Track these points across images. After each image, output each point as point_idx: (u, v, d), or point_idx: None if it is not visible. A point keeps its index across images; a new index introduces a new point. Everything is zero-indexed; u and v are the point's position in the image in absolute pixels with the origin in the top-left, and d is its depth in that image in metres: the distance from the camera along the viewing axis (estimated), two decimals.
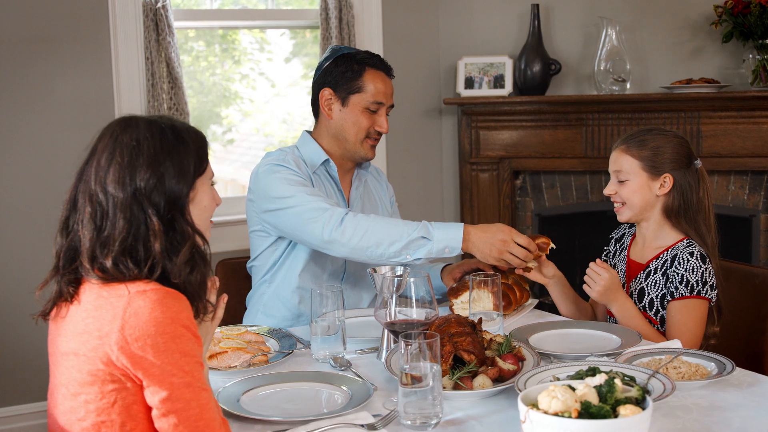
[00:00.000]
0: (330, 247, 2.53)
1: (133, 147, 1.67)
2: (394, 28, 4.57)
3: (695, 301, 2.44)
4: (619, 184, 2.56)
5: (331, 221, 2.51)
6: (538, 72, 4.37)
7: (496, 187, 4.57)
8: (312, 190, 2.63)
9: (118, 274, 1.63)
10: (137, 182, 1.65)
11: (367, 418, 1.81)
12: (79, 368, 1.63)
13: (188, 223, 1.70)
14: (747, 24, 3.90)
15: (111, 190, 1.65)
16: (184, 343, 1.59)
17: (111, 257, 1.63)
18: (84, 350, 1.61)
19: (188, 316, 1.62)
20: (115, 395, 1.60)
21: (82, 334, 1.62)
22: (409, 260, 2.48)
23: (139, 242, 1.64)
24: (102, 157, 1.68)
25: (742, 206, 4.15)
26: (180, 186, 1.69)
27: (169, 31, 3.91)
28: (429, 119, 4.75)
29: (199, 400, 1.59)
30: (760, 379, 2.03)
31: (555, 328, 2.46)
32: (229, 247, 4.05)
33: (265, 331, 2.46)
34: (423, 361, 1.77)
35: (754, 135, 4.02)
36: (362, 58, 2.76)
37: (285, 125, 4.71)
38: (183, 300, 1.64)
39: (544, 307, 3.53)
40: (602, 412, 1.49)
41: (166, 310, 1.58)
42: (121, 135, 1.69)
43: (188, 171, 1.71)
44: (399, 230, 2.47)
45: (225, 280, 3.04)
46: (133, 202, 1.64)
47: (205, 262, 1.73)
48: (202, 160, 1.76)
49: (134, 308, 1.58)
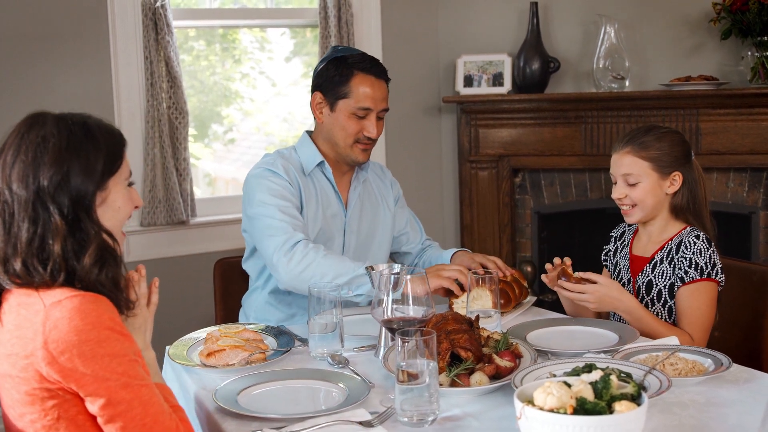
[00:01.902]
0: (274, 269, 2.57)
1: (38, 144, 1.62)
2: (393, 27, 4.57)
3: (705, 283, 2.45)
4: (629, 187, 2.54)
5: (284, 246, 2.54)
6: (537, 70, 4.37)
7: (495, 185, 4.57)
8: (287, 207, 2.64)
9: (28, 278, 1.59)
10: (41, 180, 1.60)
11: (364, 415, 1.82)
12: (17, 389, 1.60)
13: (95, 223, 1.65)
14: (746, 21, 3.90)
15: (15, 189, 1.60)
16: (111, 345, 1.55)
17: (20, 259, 1.59)
18: (15, 372, 1.58)
19: (110, 317, 1.58)
20: (57, 411, 1.58)
21: (10, 356, 1.59)
22: (350, 296, 2.51)
23: (45, 243, 1.59)
24: (8, 155, 1.64)
25: (741, 203, 4.15)
26: (86, 185, 1.63)
27: (168, 30, 3.91)
28: (428, 117, 4.75)
29: (140, 398, 1.56)
30: (757, 376, 2.03)
31: (553, 326, 2.47)
32: (228, 246, 4.07)
33: (264, 329, 2.47)
34: (419, 358, 1.77)
35: (753, 132, 4.02)
36: (353, 61, 2.72)
37: (285, 124, 4.71)
38: (102, 301, 1.59)
39: (543, 305, 3.55)
40: (597, 408, 1.49)
41: (85, 316, 1.54)
42: (27, 132, 1.65)
43: (95, 170, 1.65)
44: (345, 266, 2.50)
45: (223, 279, 3.05)
46: (37, 200, 1.60)
47: (116, 260, 1.67)
48: (115, 159, 1.70)
49: (53, 321, 1.54)
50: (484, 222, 4.61)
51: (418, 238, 3.04)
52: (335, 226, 2.81)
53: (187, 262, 4.08)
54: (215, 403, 1.91)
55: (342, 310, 2.28)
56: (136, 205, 1.77)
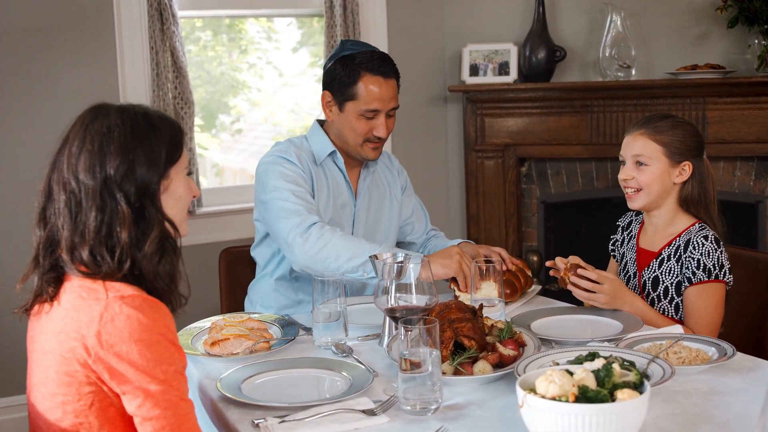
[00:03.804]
0: (289, 250, 2.57)
1: (103, 134, 1.65)
2: (398, 16, 4.56)
3: (713, 285, 2.43)
4: (638, 169, 2.51)
5: (299, 227, 2.54)
6: (543, 59, 4.36)
7: (501, 175, 4.56)
8: (301, 191, 2.65)
9: (95, 267, 1.61)
10: (107, 169, 1.62)
11: (367, 403, 1.82)
12: (57, 369, 1.61)
13: (158, 211, 1.67)
14: (752, 9, 3.88)
15: (82, 178, 1.63)
16: (161, 351, 1.57)
17: (87, 248, 1.61)
18: (61, 350, 1.60)
19: (166, 324, 1.60)
20: (92, 397, 1.59)
21: (60, 334, 1.61)
22: (365, 277, 2.51)
23: (112, 231, 1.62)
24: (73, 145, 1.66)
25: (748, 192, 4.14)
26: (150, 174, 1.66)
27: (173, 20, 3.91)
28: (434, 107, 4.75)
29: (177, 410, 1.57)
30: (761, 364, 2.03)
31: (557, 314, 2.47)
32: (235, 235, 4.08)
33: (268, 318, 2.47)
34: (422, 346, 1.77)
35: (760, 121, 4.00)
36: (360, 61, 2.69)
37: (293, 114, 4.71)
38: (161, 308, 1.61)
39: (549, 294, 3.54)
40: (599, 396, 1.49)
41: (143, 318, 1.56)
42: (91, 123, 1.67)
43: (159, 159, 1.68)
44: (361, 247, 2.51)
45: (228, 268, 3.06)
46: (104, 189, 1.62)
47: (176, 252, 1.70)
48: (176, 149, 1.73)
49: (111, 314, 1.56)
50: (490, 212, 4.61)
51: (422, 228, 3.04)
52: (345, 215, 2.82)
53: (194, 252, 4.09)
54: (219, 391, 1.92)
55: (346, 299, 2.29)
56: (194, 195, 1.80)
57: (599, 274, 2.40)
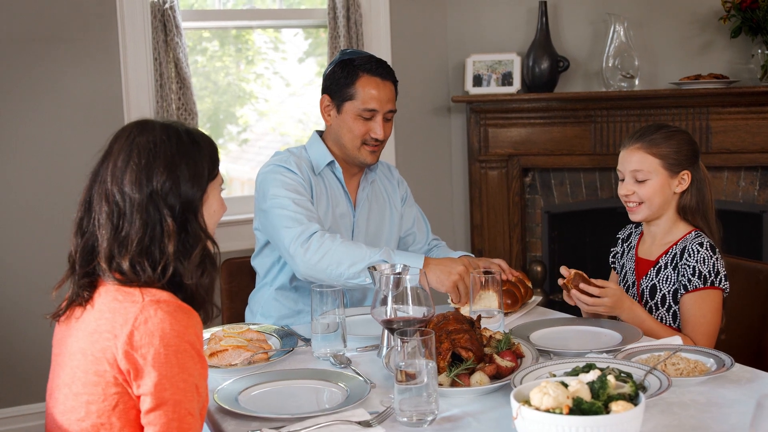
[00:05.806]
0: (291, 260, 2.58)
1: (150, 149, 1.69)
2: (401, 27, 4.58)
3: (709, 291, 2.43)
4: (638, 184, 2.51)
5: (300, 237, 2.55)
6: (546, 69, 4.36)
7: (505, 185, 4.56)
8: (301, 200, 2.66)
9: (134, 276, 1.65)
10: (154, 184, 1.67)
11: (363, 415, 1.82)
12: (85, 368, 1.63)
13: (200, 226, 1.72)
14: (756, 19, 3.88)
15: (128, 191, 1.67)
16: (185, 360, 1.59)
17: (128, 258, 1.65)
18: (92, 350, 1.63)
19: (196, 334, 1.63)
20: (117, 398, 1.61)
21: (93, 334, 1.64)
22: (367, 282, 2.51)
23: (154, 243, 1.66)
24: (119, 159, 1.69)
25: (752, 202, 4.12)
26: (194, 189, 1.71)
27: (177, 31, 3.93)
28: (437, 117, 4.75)
29: (182, 423, 1.58)
30: (760, 375, 2.02)
31: (556, 325, 2.46)
32: (237, 246, 4.08)
33: (267, 329, 2.48)
34: (418, 358, 1.77)
35: (763, 130, 3.99)
36: (359, 63, 2.73)
37: (300, 125, 4.73)
38: (194, 317, 1.65)
39: (554, 306, 3.54)
40: (593, 408, 1.49)
41: (175, 323, 1.59)
42: (137, 137, 1.71)
43: (202, 175, 1.73)
44: (361, 253, 2.51)
45: (230, 279, 3.06)
46: (150, 203, 1.66)
47: (215, 266, 1.75)
48: (215, 165, 1.78)
49: (145, 316, 1.59)
50: (494, 222, 4.61)
51: (424, 239, 3.04)
52: (344, 225, 2.82)
53: None
54: (215, 402, 1.92)
55: (345, 310, 2.29)
56: (224, 209, 1.84)
57: (601, 288, 2.39)
